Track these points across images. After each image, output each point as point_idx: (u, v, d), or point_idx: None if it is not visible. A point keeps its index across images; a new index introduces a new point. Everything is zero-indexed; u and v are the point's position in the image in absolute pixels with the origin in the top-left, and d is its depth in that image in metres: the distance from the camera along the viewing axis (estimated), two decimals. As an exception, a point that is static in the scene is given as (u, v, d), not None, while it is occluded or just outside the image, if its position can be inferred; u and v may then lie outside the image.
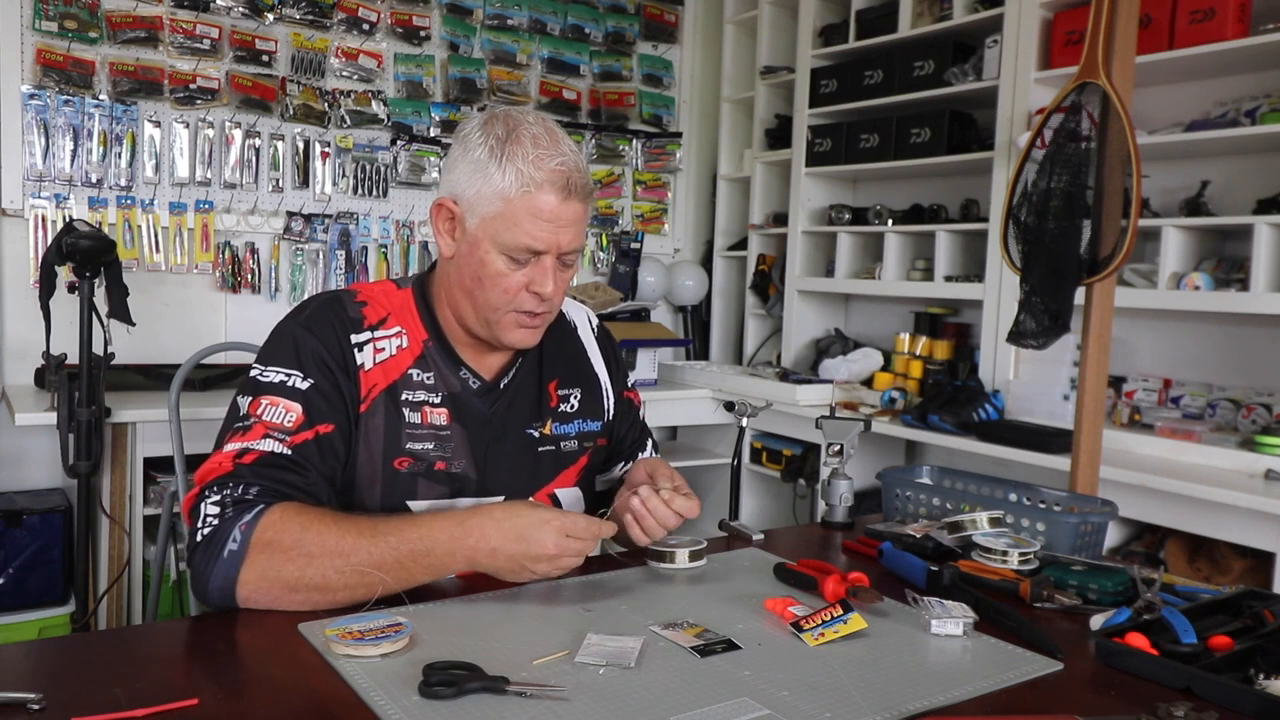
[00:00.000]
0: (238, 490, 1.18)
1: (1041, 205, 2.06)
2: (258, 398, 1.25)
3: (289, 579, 1.13)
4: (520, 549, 1.17)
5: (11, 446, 2.95)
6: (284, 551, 1.14)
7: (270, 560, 1.14)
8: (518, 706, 0.91)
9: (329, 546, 1.14)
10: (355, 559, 1.13)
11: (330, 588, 1.14)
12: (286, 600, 1.14)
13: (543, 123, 1.28)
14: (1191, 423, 2.58)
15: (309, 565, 1.13)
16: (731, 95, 4.08)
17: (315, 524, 1.16)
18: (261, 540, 1.14)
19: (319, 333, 1.30)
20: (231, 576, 1.14)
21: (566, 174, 1.24)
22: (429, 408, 1.33)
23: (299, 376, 1.26)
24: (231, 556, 1.14)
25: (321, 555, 1.13)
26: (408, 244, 3.56)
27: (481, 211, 1.26)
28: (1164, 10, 2.53)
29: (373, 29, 3.44)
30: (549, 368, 1.45)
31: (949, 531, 1.42)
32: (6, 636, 2.54)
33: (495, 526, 1.18)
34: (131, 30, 3.05)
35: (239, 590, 1.14)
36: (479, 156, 1.26)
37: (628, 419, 1.56)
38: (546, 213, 1.24)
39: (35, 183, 2.97)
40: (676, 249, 4.21)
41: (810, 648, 1.08)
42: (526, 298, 1.29)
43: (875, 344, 3.48)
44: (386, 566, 1.15)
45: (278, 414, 1.24)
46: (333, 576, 1.13)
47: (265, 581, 1.14)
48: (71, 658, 1.02)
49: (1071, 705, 0.97)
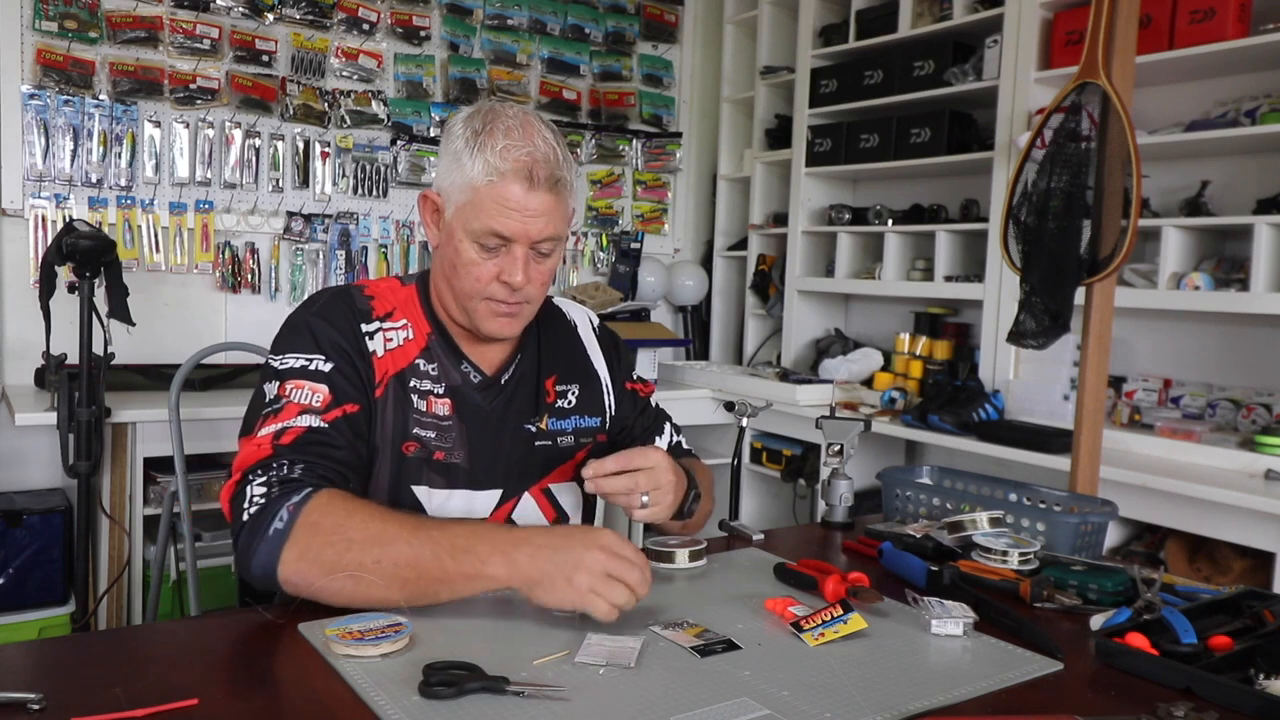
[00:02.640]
0: (282, 470, 1.19)
1: (1041, 205, 2.06)
2: (284, 383, 1.27)
3: (327, 561, 1.11)
4: (566, 554, 1.09)
5: (11, 446, 2.95)
6: (326, 534, 1.13)
7: (312, 541, 1.13)
8: (518, 707, 0.91)
9: (371, 534, 1.12)
10: (394, 549, 1.11)
11: (363, 578, 1.10)
12: (322, 585, 1.12)
13: (521, 115, 1.29)
14: (1191, 423, 2.58)
15: (348, 550, 1.11)
16: (731, 95, 4.08)
17: (361, 511, 1.15)
18: (308, 521, 1.14)
19: (333, 320, 1.32)
20: (275, 554, 1.13)
21: (531, 164, 1.25)
22: (434, 397, 1.35)
23: (320, 359, 1.28)
24: (277, 535, 1.14)
25: (362, 542, 1.12)
26: (408, 244, 3.56)
27: (456, 200, 1.29)
28: (1164, 10, 2.53)
29: (373, 29, 3.44)
30: (547, 364, 1.46)
31: (949, 531, 1.42)
32: (6, 636, 2.54)
33: (544, 532, 1.17)
34: (131, 30, 3.05)
35: (281, 569, 1.13)
36: (456, 148, 1.28)
37: (633, 408, 1.56)
38: (512, 202, 1.26)
39: (35, 183, 2.97)
40: (676, 249, 4.21)
41: (810, 648, 1.08)
42: (498, 287, 1.30)
43: (875, 344, 3.48)
44: (424, 562, 1.11)
45: (305, 395, 1.25)
46: (369, 565, 1.11)
47: (304, 563, 1.12)
48: (71, 658, 1.02)
49: (1071, 705, 0.97)
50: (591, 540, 1.10)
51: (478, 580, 1.11)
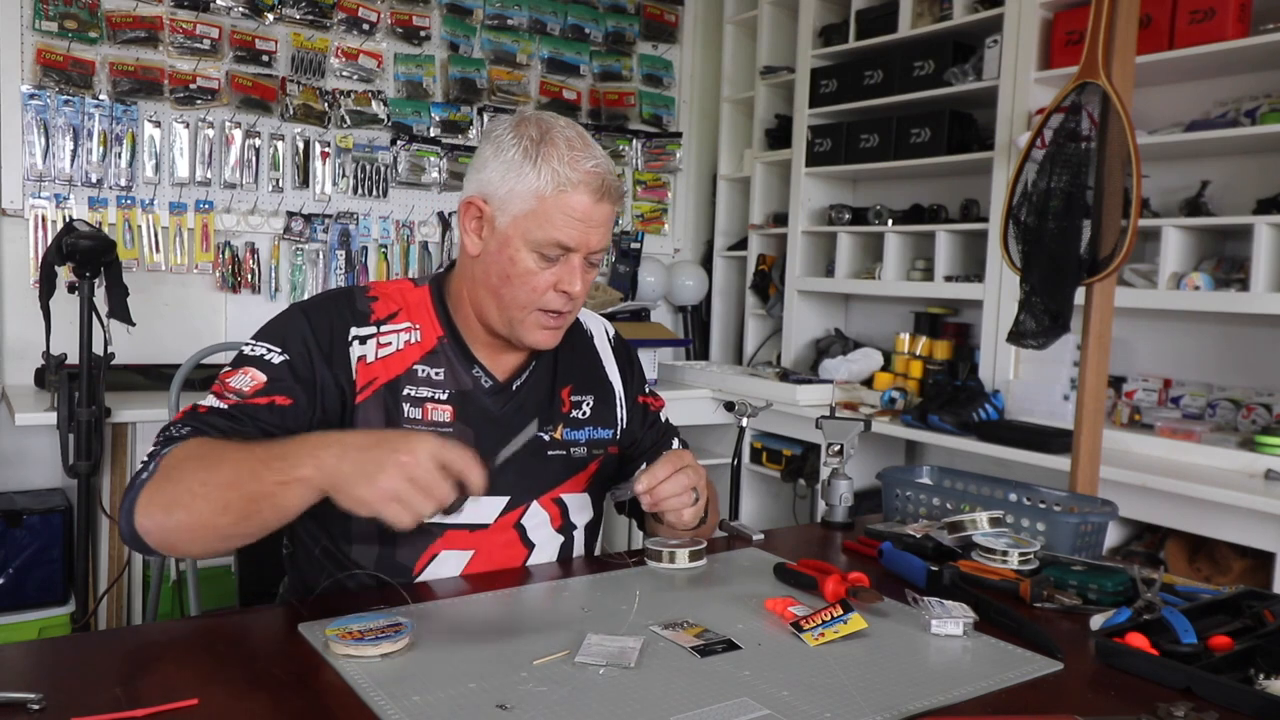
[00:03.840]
0: (171, 431, 1.19)
1: (1041, 205, 2.06)
2: (235, 369, 1.27)
3: (167, 497, 1.09)
4: (376, 450, 1.04)
5: (11, 446, 2.95)
6: (174, 471, 1.11)
7: (163, 482, 1.11)
8: (519, 707, 0.91)
9: (206, 461, 1.10)
10: (218, 471, 1.08)
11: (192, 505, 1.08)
12: (168, 528, 1.09)
13: (574, 126, 1.31)
14: (1191, 423, 2.58)
15: (182, 480, 1.09)
16: (731, 95, 4.08)
17: (208, 444, 1.14)
18: (165, 465, 1.12)
19: (313, 318, 1.32)
20: (131, 507, 1.11)
21: (601, 175, 1.27)
22: (431, 404, 1.34)
23: (277, 352, 1.28)
24: (139, 484, 1.12)
25: (196, 470, 1.09)
26: (408, 244, 3.56)
27: (514, 210, 1.28)
28: (1164, 10, 2.53)
29: (373, 29, 3.44)
30: (563, 374, 1.46)
31: (949, 531, 1.42)
32: (6, 636, 2.54)
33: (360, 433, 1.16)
34: (131, 30, 3.05)
35: (137, 519, 1.10)
36: (513, 156, 1.27)
37: (644, 422, 1.56)
38: (580, 212, 1.26)
39: (35, 183, 2.97)
40: (676, 249, 4.21)
41: (810, 648, 1.08)
42: (553, 296, 1.30)
43: (875, 344, 3.48)
44: (242, 478, 1.07)
45: (240, 380, 1.25)
46: (196, 490, 1.08)
47: (152, 505, 1.10)
48: (71, 658, 1.02)
49: (1071, 705, 0.97)
50: (405, 443, 1.04)
51: (290, 486, 1.06)
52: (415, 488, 1.02)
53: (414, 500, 1.02)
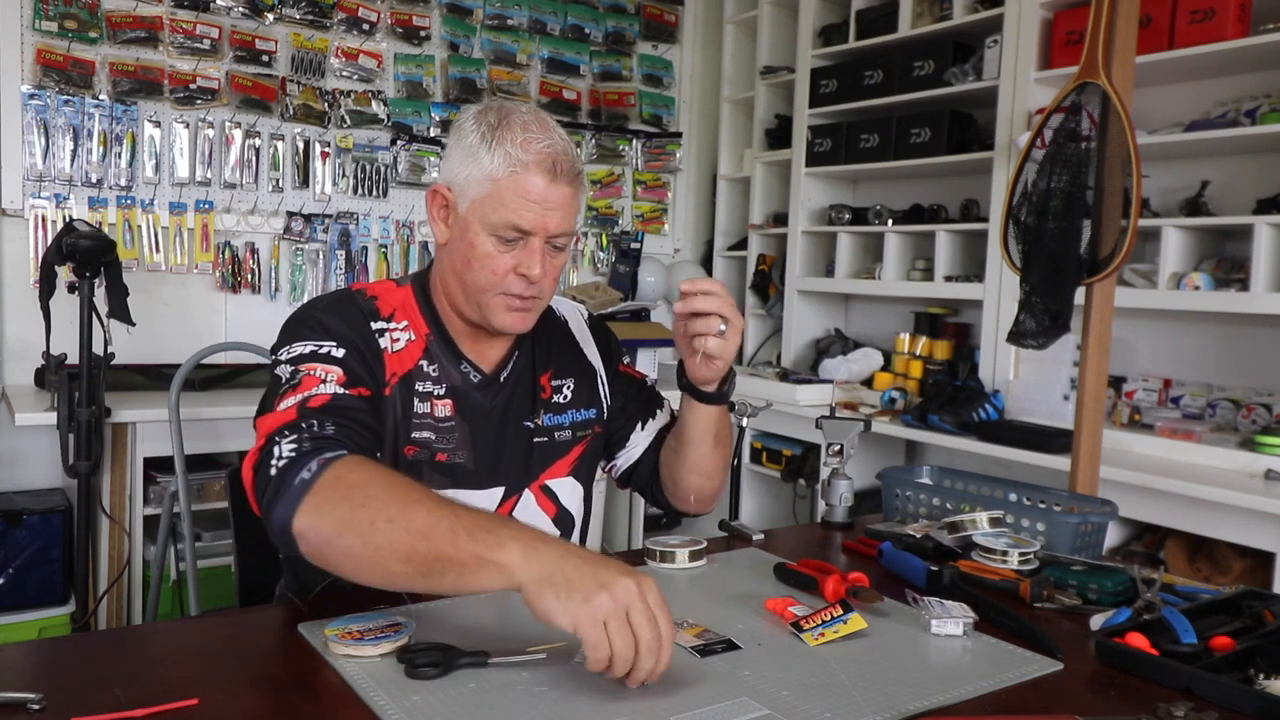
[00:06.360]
0: (313, 429, 1.14)
1: (1041, 205, 2.06)
2: (298, 365, 1.23)
3: (340, 517, 1.04)
4: (598, 569, 0.95)
5: (11, 446, 2.95)
6: (347, 488, 1.06)
7: (331, 494, 1.06)
8: (519, 707, 0.91)
9: (394, 494, 1.05)
10: (411, 512, 1.01)
11: (371, 538, 1.01)
12: (332, 544, 1.04)
13: (534, 112, 1.31)
14: (1191, 423, 2.58)
15: (364, 506, 1.04)
16: (731, 95, 4.08)
17: (390, 474, 1.10)
18: (334, 474, 1.07)
19: (342, 316, 1.31)
20: (294, 505, 1.06)
21: (553, 156, 1.26)
22: (435, 399, 1.35)
23: (332, 345, 1.26)
24: (301, 484, 1.07)
25: (382, 499, 1.03)
26: (408, 244, 3.56)
27: (471, 194, 1.28)
28: (1164, 10, 2.53)
29: (373, 29, 3.44)
30: (542, 360, 1.46)
31: (949, 531, 1.42)
32: (6, 636, 2.54)
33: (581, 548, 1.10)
34: (131, 30, 3.05)
35: (296, 521, 1.05)
36: (470, 142, 1.28)
37: (629, 386, 1.55)
38: (533, 194, 1.26)
39: (35, 183, 2.97)
40: (676, 249, 4.21)
41: (810, 648, 1.07)
42: (514, 280, 1.30)
43: (875, 344, 3.48)
44: (438, 532, 0.99)
45: (322, 373, 1.22)
46: (380, 523, 1.01)
47: (318, 516, 1.05)
48: (71, 658, 1.02)
49: (1071, 705, 0.97)
50: (630, 572, 0.96)
51: (486, 566, 0.97)
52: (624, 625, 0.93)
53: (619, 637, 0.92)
